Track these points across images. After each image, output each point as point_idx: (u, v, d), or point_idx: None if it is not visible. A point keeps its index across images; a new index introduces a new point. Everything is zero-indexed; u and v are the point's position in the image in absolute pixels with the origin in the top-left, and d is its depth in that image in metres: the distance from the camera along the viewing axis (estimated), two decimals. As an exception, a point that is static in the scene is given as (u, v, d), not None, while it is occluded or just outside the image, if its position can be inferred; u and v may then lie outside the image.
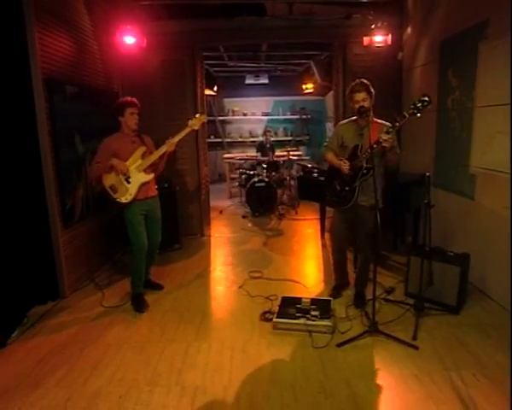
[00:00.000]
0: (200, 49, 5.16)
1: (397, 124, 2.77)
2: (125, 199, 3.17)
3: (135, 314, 3.23)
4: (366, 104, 2.91)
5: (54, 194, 3.39)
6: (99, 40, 4.30)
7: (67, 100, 3.57)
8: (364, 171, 2.94)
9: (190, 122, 3.31)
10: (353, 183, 3.01)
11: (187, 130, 3.30)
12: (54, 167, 3.38)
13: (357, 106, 2.93)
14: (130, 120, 3.19)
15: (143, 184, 3.24)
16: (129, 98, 3.23)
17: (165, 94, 5.01)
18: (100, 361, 2.60)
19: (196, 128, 3.36)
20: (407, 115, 2.72)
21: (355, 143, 3.04)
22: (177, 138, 3.26)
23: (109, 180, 3.19)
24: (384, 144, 2.75)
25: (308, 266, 4.33)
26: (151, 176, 3.29)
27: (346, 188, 3.05)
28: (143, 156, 3.26)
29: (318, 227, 5.25)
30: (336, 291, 3.44)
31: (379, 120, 3.02)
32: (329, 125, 9.35)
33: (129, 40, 4.34)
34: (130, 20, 4.28)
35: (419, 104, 2.69)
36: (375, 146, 2.78)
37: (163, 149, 3.23)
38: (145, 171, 3.25)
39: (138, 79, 4.90)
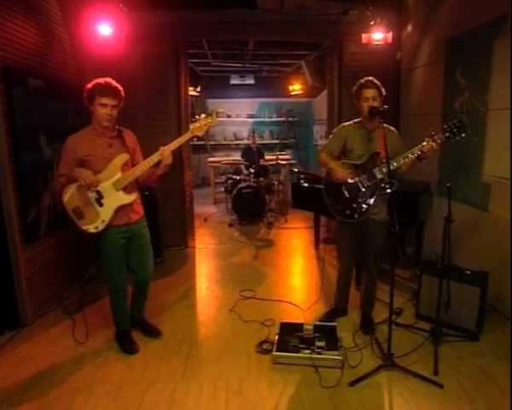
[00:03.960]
0: (185, 44, 4.72)
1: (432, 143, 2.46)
2: (94, 228, 2.36)
3: (109, 346, 2.76)
4: (376, 104, 2.57)
5: (13, 204, 2.88)
6: (70, 29, 3.80)
7: (30, 94, 3.06)
8: (386, 185, 2.55)
9: (192, 126, 2.49)
10: (370, 196, 2.64)
11: (187, 136, 2.49)
12: (13, 173, 2.87)
13: (365, 104, 2.59)
14: (99, 113, 2.32)
15: (122, 207, 2.45)
16: (103, 81, 2.36)
17: (146, 92, 4.55)
18: (65, 412, 2.13)
19: (200, 134, 2.51)
20: (443, 138, 2.45)
21: (364, 149, 2.68)
22: (172, 146, 2.44)
23: (72, 200, 2.36)
24: (427, 155, 2.46)
25: (303, 283, 3.94)
26: (133, 196, 2.46)
27: (359, 200, 2.67)
28: (124, 168, 2.43)
29: (311, 237, 4.91)
30: (331, 316, 3.04)
31: (385, 125, 2.68)
32: (317, 128, 9.06)
33: (105, 30, 3.85)
34: (107, 7, 3.79)
35: (455, 129, 2.41)
36: (412, 156, 2.49)
37: (153, 159, 2.41)
38: (125, 189, 2.43)
39: (115, 75, 4.34)
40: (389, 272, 2.38)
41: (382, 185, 2.60)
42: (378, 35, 4.26)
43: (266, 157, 7.00)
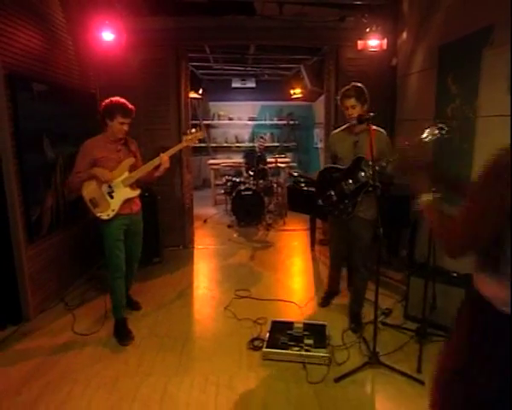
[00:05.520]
0: (185, 49, 4.84)
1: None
2: (106, 215, 2.82)
3: (107, 341, 2.87)
4: (355, 112, 2.73)
5: (17, 204, 3.01)
6: (73, 35, 3.93)
7: (35, 99, 3.19)
8: (370, 188, 2.70)
9: (185, 137, 3.07)
10: (355, 197, 2.77)
11: (180, 146, 3.08)
12: (17, 174, 3.00)
13: (346, 112, 2.78)
14: (118, 129, 2.83)
15: (127, 200, 2.92)
16: (124, 103, 2.80)
17: (147, 96, 4.66)
18: (63, 404, 2.23)
19: (191, 145, 3.11)
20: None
21: (350, 155, 2.80)
22: (169, 153, 2.97)
23: (90, 193, 2.83)
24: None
25: (299, 283, 4.04)
26: (137, 192, 2.97)
27: (346, 201, 2.79)
28: (131, 169, 2.91)
29: (308, 239, 5.00)
30: (326, 300, 3.42)
31: (374, 127, 2.79)
32: (317, 132, 9.15)
33: (107, 36, 3.98)
34: (109, 14, 3.93)
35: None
36: (384, 164, 2.57)
37: (154, 162, 2.91)
38: (131, 186, 2.92)
39: (117, 80, 4.52)
40: (381, 274, 2.51)
41: (369, 190, 2.71)
42: (373, 42, 4.35)
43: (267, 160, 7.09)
